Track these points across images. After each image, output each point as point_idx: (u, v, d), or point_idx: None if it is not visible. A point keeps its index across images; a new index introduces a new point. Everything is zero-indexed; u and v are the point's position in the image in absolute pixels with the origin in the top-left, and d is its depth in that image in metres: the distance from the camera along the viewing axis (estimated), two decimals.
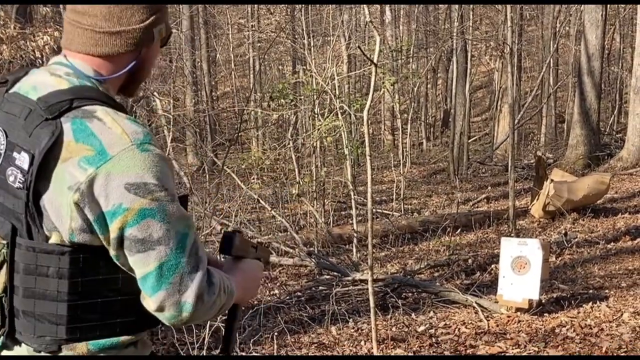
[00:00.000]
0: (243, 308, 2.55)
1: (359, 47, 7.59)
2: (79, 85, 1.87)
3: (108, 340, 1.89)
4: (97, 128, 1.77)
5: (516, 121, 13.30)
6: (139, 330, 1.95)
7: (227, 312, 2.17)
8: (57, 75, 1.90)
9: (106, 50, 1.91)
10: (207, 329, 5.87)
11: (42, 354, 1.89)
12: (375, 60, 5.41)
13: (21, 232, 1.82)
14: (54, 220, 1.79)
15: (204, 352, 5.76)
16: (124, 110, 1.91)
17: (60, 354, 1.86)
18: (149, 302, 1.82)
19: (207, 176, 10.78)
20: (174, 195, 1.82)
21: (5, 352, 1.94)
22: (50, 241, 1.81)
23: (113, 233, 1.77)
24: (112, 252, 1.82)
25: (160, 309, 1.82)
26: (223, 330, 2.30)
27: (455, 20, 19.65)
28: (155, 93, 10.16)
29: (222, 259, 2.23)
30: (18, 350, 1.91)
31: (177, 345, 6.01)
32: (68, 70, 1.91)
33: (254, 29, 24.90)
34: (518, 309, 6.83)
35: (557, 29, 22.04)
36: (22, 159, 1.78)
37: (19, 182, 1.78)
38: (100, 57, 1.93)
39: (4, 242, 1.84)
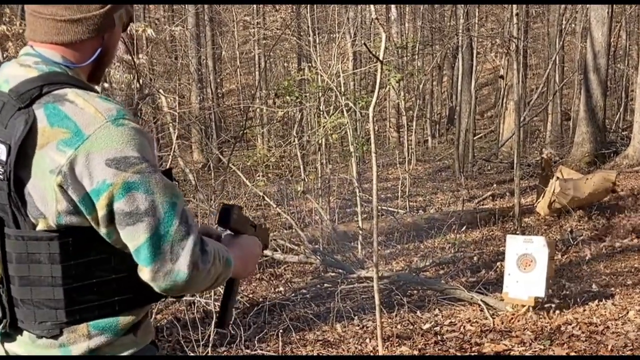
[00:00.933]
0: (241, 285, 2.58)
1: (364, 44, 7.59)
2: (47, 72, 1.90)
3: (107, 321, 1.92)
4: (70, 110, 1.80)
5: (522, 118, 13.27)
6: (138, 306, 1.98)
7: (224, 285, 2.20)
8: (27, 65, 1.93)
9: (68, 37, 1.94)
10: (213, 326, 5.87)
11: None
12: (381, 57, 5.40)
13: (8, 222, 1.85)
14: (39, 206, 1.81)
15: (209, 350, 5.76)
16: (95, 91, 1.94)
17: (62, 337, 1.89)
18: (144, 274, 1.84)
19: (213, 173, 10.78)
20: (155, 166, 1.85)
21: (7, 344, 1.96)
22: (38, 228, 1.83)
23: (101, 211, 1.79)
24: (102, 231, 1.84)
25: (156, 279, 1.83)
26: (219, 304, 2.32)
27: (461, 17, 19.61)
28: (160, 90, 10.16)
29: (222, 233, 2.23)
30: (20, 340, 1.93)
31: (182, 342, 6.01)
32: (36, 59, 1.94)
33: (259, 26, 24.90)
34: (524, 307, 6.82)
35: (563, 26, 21.99)
36: (0, 151, 1.80)
37: None
38: (64, 46, 1.96)
39: None
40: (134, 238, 1.81)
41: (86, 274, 1.88)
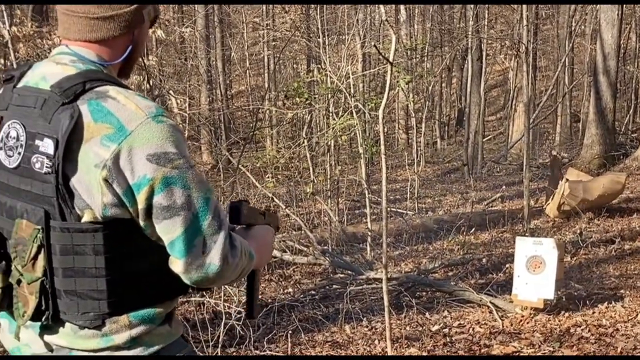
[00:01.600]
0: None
1: (374, 45, 7.60)
2: (86, 69, 1.97)
3: (146, 311, 1.99)
4: (112, 106, 1.87)
5: (531, 120, 13.26)
6: (170, 297, 2.06)
7: (246, 277, 2.26)
8: (63, 63, 1.99)
9: (101, 34, 2.02)
10: (222, 327, 5.89)
11: (82, 353, 1.98)
12: (391, 59, 5.40)
13: (54, 215, 1.90)
14: (85, 198, 1.87)
15: (219, 350, 5.77)
16: (128, 88, 2.01)
17: (104, 328, 1.95)
18: (177, 266, 1.93)
19: (222, 175, 10.80)
20: (191, 162, 1.92)
21: (48, 336, 2.01)
22: (83, 220, 1.89)
23: (141, 204, 1.87)
24: (141, 223, 1.91)
25: (188, 271, 1.92)
26: (245, 296, 2.38)
27: (470, 19, 19.61)
28: (170, 91, 10.19)
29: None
30: (62, 331, 1.98)
31: (191, 342, 6.02)
32: (72, 58, 2.01)
33: (268, 27, 24.93)
34: (533, 309, 6.81)
35: (573, 28, 21.95)
36: (46, 145, 1.86)
37: (46, 167, 1.86)
38: (97, 43, 2.03)
39: (38, 227, 1.90)
40: (170, 231, 1.89)
41: (127, 265, 1.95)
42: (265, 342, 6.21)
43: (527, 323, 6.62)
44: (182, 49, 25.08)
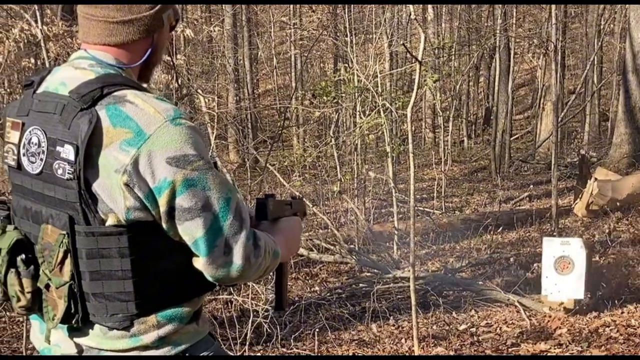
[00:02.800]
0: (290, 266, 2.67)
1: (403, 44, 7.59)
2: (104, 74, 1.98)
3: (173, 310, 2.01)
4: (131, 111, 1.88)
5: (559, 119, 13.18)
6: (197, 295, 2.07)
7: (274, 270, 2.27)
8: (82, 68, 2.01)
9: (120, 39, 2.03)
10: (250, 325, 5.91)
11: (111, 354, 2.01)
12: (419, 58, 5.40)
13: (78, 220, 1.91)
14: (108, 203, 1.89)
15: (246, 348, 5.80)
16: (148, 91, 2.02)
17: (133, 328, 1.98)
18: (201, 265, 1.96)
19: (249, 173, 10.82)
20: (210, 163, 1.94)
21: (77, 338, 2.03)
22: (107, 223, 1.91)
23: (162, 207, 1.89)
24: (164, 225, 1.93)
25: (210, 270, 1.95)
26: (274, 288, 2.41)
27: (499, 17, 19.50)
28: (199, 90, 10.23)
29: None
30: (91, 333, 2.01)
31: (219, 340, 6.05)
32: (91, 62, 2.02)
33: (296, 26, 24.95)
34: (561, 309, 6.77)
35: (602, 27, 21.78)
36: (67, 151, 1.87)
37: (68, 173, 1.87)
38: (116, 47, 2.04)
39: (64, 232, 1.92)
40: (192, 233, 1.91)
41: (153, 266, 1.97)
42: (292, 340, 6.23)
43: (555, 323, 6.59)
44: (210, 48, 25.16)
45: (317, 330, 6.34)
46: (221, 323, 6.37)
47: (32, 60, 9.46)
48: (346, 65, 12.99)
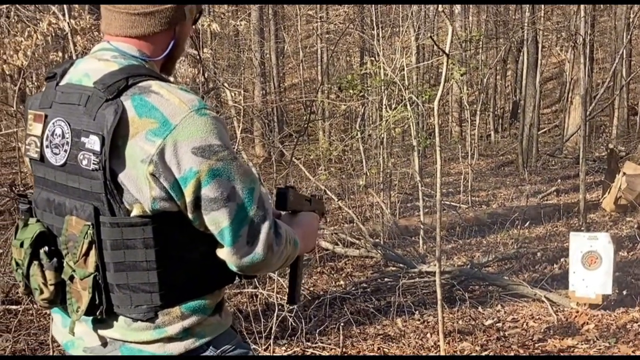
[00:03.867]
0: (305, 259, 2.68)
1: (431, 37, 7.54)
2: (128, 65, 1.98)
3: (197, 302, 2.02)
4: (156, 101, 1.88)
5: (587, 113, 13.06)
6: (219, 286, 2.09)
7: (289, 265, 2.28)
8: (105, 59, 2.01)
9: (142, 30, 2.04)
10: (275, 318, 5.91)
11: (135, 346, 2.02)
12: (447, 51, 5.36)
13: (103, 211, 1.92)
14: (134, 193, 1.89)
15: (271, 342, 5.80)
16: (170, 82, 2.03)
17: (157, 320, 1.99)
18: (224, 255, 1.96)
19: (274, 167, 10.83)
20: (234, 154, 1.95)
21: (101, 329, 2.04)
22: (132, 214, 1.91)
23: (188, 197, 1.89)
24: (190, 216, 1.94)
25: (234, 259, 1.95)
26: (287, 281, 2.41)
27: (527, 10, 19.36)
28: (225, 84, 10.25)
29: (279, 213, 2.33)
30: (116, 325, 2.01)
31: (244, 333, 6.06)
32: (114, 54, 2.03)
33: (322, 20, 24.92)
34: (589, 305, 6.72)
35: (631, 19, 21.52)
36: (92, 142, 1.88)
37: (93, 164, 1.88)
38: (138, 38, 2.05)
39: (88, 223, 1.93)
40: (217, 222, 1.92)
41: (177, 257, 1.97)
42: (317, 334, 6.23)
43: (582, 318, 6.53)
44: (236, 42, 25.20)
45: (342, 324, 6.33)
46: (246, 316, 6.38)
47: (60, 54, 9.51)
48: (372, 58, 12.95)
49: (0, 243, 7.40)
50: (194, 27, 2.26)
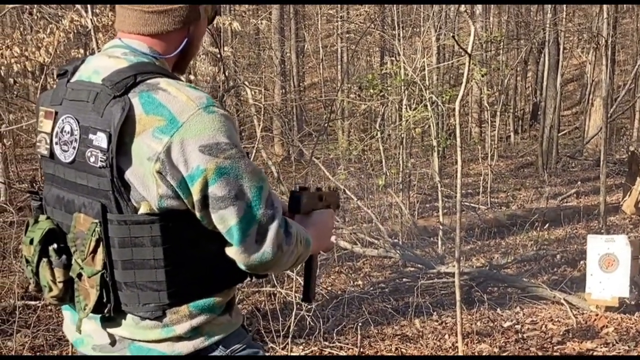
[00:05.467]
0: (319, 261, 2.67)
1: (453, 37, 7.50)
2: (137, 62, 1.97)
3: (205, 301, 2.01)
4: (163, 98, 1.87)
5: (609, 115, 12.99)
6: (229, 285, 2.08)
7: (304, 263, 2.27)
8: (115, 56, 2.00)
9: (155, 28, 2.02)
10: (293, 317, 5.91)
11: (144, 344, 2.01)
12: (469, 51, 5.34)
13: (110, 208, 1.91)
14: (141, 190, 1.88)
15: (289, 340, 5.80)
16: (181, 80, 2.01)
17: (165, 319, 1.98)
18: (233, 254, 1.95)
19: (294, 166, 10.85)
20: (243, 152, 1.93)
21: (110, 329, 2.04)
22: (140, 212, 1.90)
23: (196, 195, 1.88)
24: (197, 214, 1.92)
25: (244, 258, 1.94)
26: (302, 280, 2.40)
27: (548, 11, 19.27)
28: (246, 82, 10.27)
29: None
30: (124, 323, 2.01)
31: (262, 332, 6.07)
32: (124, 51, 2.02)
33: (343, 19, 24.90)
34: (607, 308, 6.68)
35: None
36: (100, 139, 1.87)
37: (100, 161, 1.87)
38: (151, 36, 2.04)
39: (96, 220, 1.92)
40: (225, 221, 1.91)
41: (185, 256, 1.96)
42: (334, 334, 6.23)
43: (602, 321, 6.50)
44: (257, 41, 25.22)
45: (359, 324, 6.32)
46: (264, 315, 6.39)
47: (82, 51, 9.57)
48: (393, 58, 12.94)
49: (21, 239, 7.45)
50: (209, 26, 2.26)
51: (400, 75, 11.15)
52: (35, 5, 8.77)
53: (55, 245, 2.02)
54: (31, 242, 2.05)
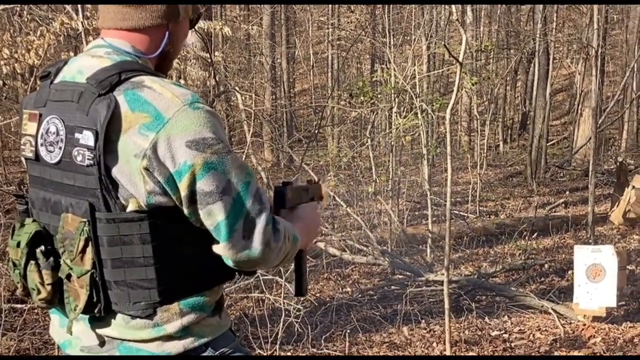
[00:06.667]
0: (308, 256, 2.66)
1: (445, 45, 7.53)
2: (121, 60, 1.98)
3: (195, 299, 2.01)
4: (149, 95, 1.88)
5: (597, 125, 13.02)
6: (217, 283, 2.08)
7: (293, 258, 2.26)
8: (99, 56, 2.01)
9: (133, 23, 2.04)
10: (281, 324, 5.90)
11: (133, 344, 2.00)
12: (461, 60, 5.35)
13: (99, 207, 1.91)
14: (128, 188, 1.89)
15: (277, 347, 5.79)
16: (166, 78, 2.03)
17: (156, 317, 1.97)
18: (221, 250, 1.95)
19: (283, 173, 10.83)
20: (229, 147, 1.94)
21: (99, 329, 2.03)
22: (128, 209, 1.91)
23: (183, 191, 1.88)
24: (185, 211, 1.92)
25: (232, 254, 1.94)
26: (294, 275, 2.41)
27: (539, 22, 19.34)
28: (236, 88, 10.26)
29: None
30: (114, 323, 2.00)
31: (250, 338, 6.06)
32: (108, 50, 2.03)
33: (334, 26, 24.93)
34: (595, 318, 6.69)
35: None
36: (86, 137, 1.87)
37: (87, 159, 1.88)
38: (130, 32, 2.05)
39: (84, 219, 1.92)
40: (212, 216, 1.91)
41: (174, 253, 1.96)
42: (322, 341, 6.21)
43: (589, 331, 6.50)
44: (248, 46, 25.23)
45: (348, 331, 6.32)
46: (252, 321, 6.37)
47: (72, 54, 9.52)
48: (384, 66, 12.95)
49: (7, 242, 7.41)
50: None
51: (391, 83, 11.16)
52: (26, 7, 8.73)
53: (42, 248, 2.02)
54: (18, 245, 2.04)
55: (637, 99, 23.10)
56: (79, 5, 5.75)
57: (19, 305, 6.56)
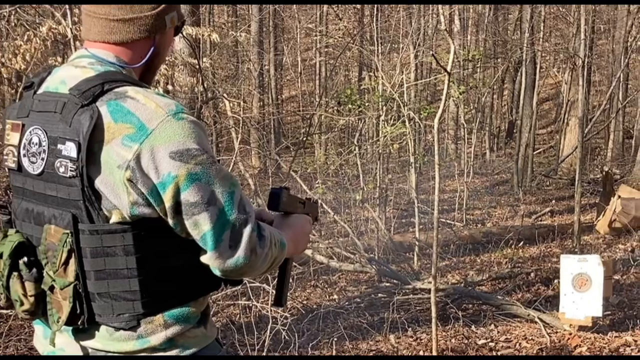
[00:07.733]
0: (294, 264, 2.66)
1: (433, 55, 7.55)
2: (104, 71, 1.97)
3: (180, 310, 1.99)
4: (132, 106, 1.86)
5: (584, 134, 13.09)
6: (203, 294, 2.06)
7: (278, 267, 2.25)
8: (82, 66, 2.00)
9: (120, 37, 2.02)
10: (268, 331, 5.89)
11: (116, 355, 1.99)
12: (449, 69, 5.37)
13: (82, 218, 1.90)
14: (111, 199, 1.87)
15: (264, 354, 5.78)
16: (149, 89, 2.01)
17: (140, 329, 1.96)
18: (208, 260, 1.94)
19: (270, 180, 10.82)
20: (214, 157, 1.92)
21: (83, 341, 2.01)
22: (111, 221, 1.89)
23: (167, 202, 1.87)
24: (170, 222, 1.91)
25: (219, 264, 1.92)
26: (276, 283, 2.39)
27: (526, 31, 19.43)
28: (224, 95, 10.25)
29: (272, 215, 2.31)
30: (97, 334, 1.98)
31: (237, 345, 6.04)
32: (91, 60, 2.01)
33: (322, 33, 24.97)
34: (581, 327, 6.71)
35: (629, 43, 21.62)
36: (69, 148, 1.86)
37: (70, 170, 1.86)
38: (116, 45, 2.03)
39: (67, 231, 1.90)
40: (198, 227, 1.89)
41: (158, 264, 1.94)
42: (309, 349, 6.21)
43: (575, 341, 6.52)
44: (236, 53, 25.22)
45: (335, 339, 6.31)
46: (239, 329, 6.36)
47: (59, 59, 9.50)
48: (371, 74, 12.97)
49: None
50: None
51: (379, 90, 11.18)
52: (13, 12, 8.70)
53: (25, 259, 2.00)
54: (1, 256, 2.03)
55: (623, 108, 23.23)
56: (68, 10, 5.73)
57: (4, 311, 6.52)
